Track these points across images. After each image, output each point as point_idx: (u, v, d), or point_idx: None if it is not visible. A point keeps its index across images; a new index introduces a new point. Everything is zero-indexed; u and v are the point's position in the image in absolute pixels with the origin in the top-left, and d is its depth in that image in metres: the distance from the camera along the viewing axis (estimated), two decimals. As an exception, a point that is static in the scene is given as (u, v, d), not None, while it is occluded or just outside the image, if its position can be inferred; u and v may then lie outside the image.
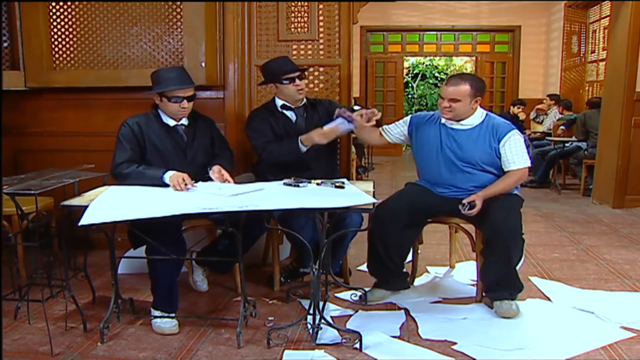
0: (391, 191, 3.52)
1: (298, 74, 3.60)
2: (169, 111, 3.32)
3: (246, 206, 2.69)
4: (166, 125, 3.37)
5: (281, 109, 3.72)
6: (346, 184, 3.19)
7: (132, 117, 3.36)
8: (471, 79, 3.39)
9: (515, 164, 3.36)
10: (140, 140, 3.31)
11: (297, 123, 3.72)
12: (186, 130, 3.41)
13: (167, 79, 3.27)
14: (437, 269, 4.15)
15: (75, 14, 4.31)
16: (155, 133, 3.33)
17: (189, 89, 3.31)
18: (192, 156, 3.39)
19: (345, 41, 4.27)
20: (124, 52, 4.26)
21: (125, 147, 3.27)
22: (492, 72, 11.98)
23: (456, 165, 3.43)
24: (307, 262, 3.58)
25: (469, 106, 3.38)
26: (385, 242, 3.40)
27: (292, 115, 3.73)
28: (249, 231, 3.19)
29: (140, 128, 3.31)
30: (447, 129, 3.47)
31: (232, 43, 4.23)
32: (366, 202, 2.81)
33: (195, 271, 3.68)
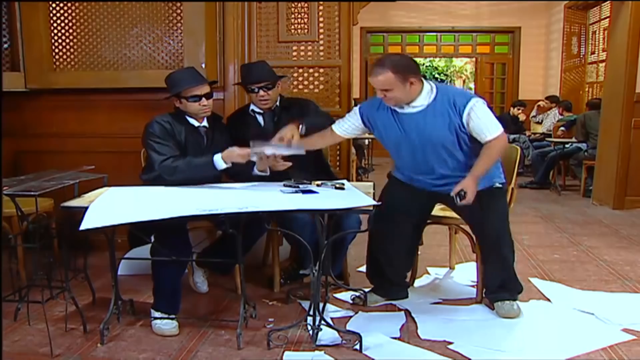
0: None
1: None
2: (191, 111, 3.32)
3: (246, 207, 2.68)
4: (191, 126, 3.36)
5: (252, 112, 3.68)
6: (346, 185, 3.19)
7: (160, 116, 3.32)
8: (391, 62, 3.00)
9: (490, 133, 3.01)
10: (173, 137, 3.29)
11: (266, 128, 3.62)
12: (207, 132, 3.42)
13: (181, 79, 3.28)
14: (437, 270, 4.14)
15: (76, 15, 4.32)
16: (183, 132, 3.32)
17: (204, 86, 3.31)
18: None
19: (345, 42, 4.27)
20: (124, 53, 4.27)
21: (164, 143, 3.23)
22: (492, 73, 12.00)
23: (424, 151, 3.13)
24: (307, 263, 3.59)
25: (405, 90, 3.03)
26: (385, 253, 3.40)
27: (261, 120, 3.67)
28: (248, 232, 3.17)
29: (171, 125, 3.29)
30: (399, 114, 3.15)
31: (232, 44, 4.23)
32: (366, 203, 2.81)
33: (196, 272, 3.68)
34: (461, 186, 2.92)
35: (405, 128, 3.12)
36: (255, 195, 2.99)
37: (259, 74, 3.56)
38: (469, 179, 2.94)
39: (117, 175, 3.31)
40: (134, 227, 2.93)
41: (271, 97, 3.56)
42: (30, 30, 4.28)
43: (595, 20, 9.33)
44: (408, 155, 3.21)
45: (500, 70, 11.95)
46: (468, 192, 2.90)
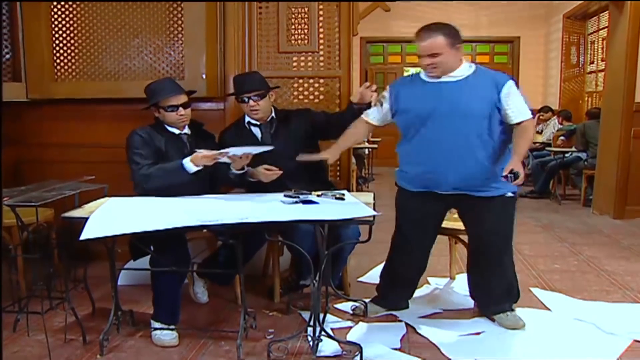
0: (392, 202, 3.47)
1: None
2: (170, 121, 3.36)
3: (246, 218, 2.68)
4: (171, 134, 3.40)
5: (248, 125, 3.66)
6: (346, 196, 3.18)
7: (139, 128, 3.38)
8: (440, 27, 3.07)
9: (525, 115, 3.04)
10: (151, 146, 3.32)
11: (262, 140, 3.62)
12: (189, 139, 3.44)
13: (159, 90, 3.35)
14: (437, 280, 4.13)
15: (77, 26, 4.33)
16: (162, 141, 3.35)
17: (180, 96, 3.35)
18: None
19: (345, 53, 4.27)
20: (125, 63, 4.28)
21: (141, 153, 3.28)
22: (492, 82, 12.01)
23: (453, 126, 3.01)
24: (307, 274, 3.59)
25: (453, 56, 3.06)
26: (403, 264, 3.43)
27: (257, 133, 3.65)
28: (249, 243, 3.18)
29: (149, 136, 3.33)
30: (434, 84, 3.10)
31: (233, 54, 4.23)
32: (366, 214, 2.80)
33: (196, 283, 3.67)
34: (512, 166, 2.84)
35: (439, 97, 3.05)
36: (256, 206, 2.98)
37: (249, 83, 3.56)
38: (516, 160, 2.89)
39: (118, 185, 3.30)
40: (134, 237, 2.92)
41: (261, 108, 3.54)
42: (32, 41, 4.30)
43: (594, 30, 9.35)
44: (433, 135, 3.06)
45: (499, 80, 11.97)
46: (520, 172, 2.83)
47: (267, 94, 3.56)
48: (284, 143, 3.54)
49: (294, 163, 3.36)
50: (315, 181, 3.51)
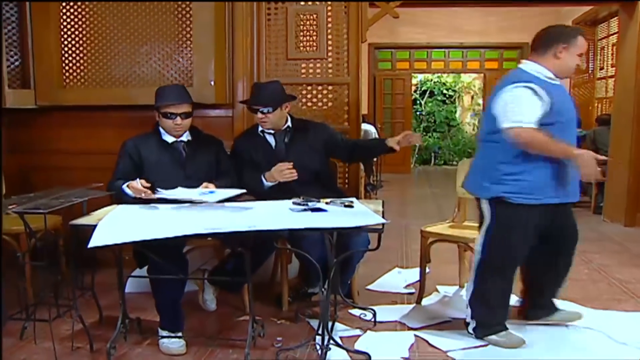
0: (401, 209, 3.47)
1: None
2: (165, 127, 3.41)
3: (255, 226, 2.67)
4: (164, 142, 3.44)
5: (262, 133, 3.68)
6: (355, 204, 3.17)
7: (130, 139, 3.47)
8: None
9: None
10: (136, 158, 3.39)
11: (276, 149, 3.66)
12: (185, 147, 3.46)
13: (164, 95, 3.37)
14: (446, 288, 4.11)
15: (86, 33, 4.35)
16: (153, 150, 3.40)
17: (183, 105, 3.36)
18: (192, 171, 3.41)
19: (354, 60, 4.28)
20: (134, 70, 4.30)
21: (118, 168, 3.41)
22: (501, 89, 11.98)
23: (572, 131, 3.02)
24: (315, 282, 3.59)
25: None
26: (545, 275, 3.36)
27: (272, 140, 3.68)
28: (257, 251, 3.18)
29: (136, 147, 3.40)
30: (557, 87, 2.99)
31: (242, 61, 4.26)
32: (376, 222, 2.79)
33: (207, 290, 3.68)
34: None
35: (569, 101, 3.05)
36: (264, 214, 2.98)
37: (261, 96, 3.57)
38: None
39: (126, 193, 3.29)
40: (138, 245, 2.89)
41: (270, 120, 3.56)
42: (41, 47, 4.33)
43: (604, 36, 9.30)
44: (568, 141, 2.91)
45: (508, 86, 11.94)
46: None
47: (278, 107, 3.57)
48: (298, 153, 3.59)
49: (307, 173, 3.45)
50: (327, 190, 3.52)
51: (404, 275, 4.45)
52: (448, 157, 15.11)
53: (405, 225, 6.27)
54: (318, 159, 3.67)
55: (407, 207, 7.95)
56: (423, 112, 15.69)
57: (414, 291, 4.01)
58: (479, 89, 15.20)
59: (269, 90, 3.60)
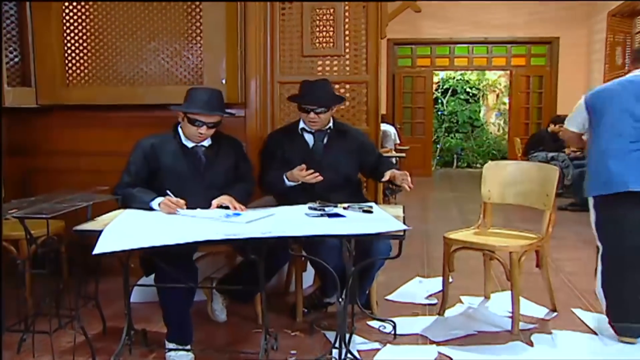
0: (421, 214, 3.48)
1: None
2: (187, 132, 3.34)
3: (270, 232, 2.69)
4: (184, 146, 3.39)
5: (301, 131, 3.75)
6: (374, 209, 3.19)
7: (148, 137, 3.40)
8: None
9: None
10: (152, 163, 3.34)
11: (314, 149, 3.72)
12: (206, 152, 3.42)
13: (197, 100, 3.28)
14: (470, 299, 4.12)
15: (90, 29, 4.37)
16: (171, 154, 3.35)
17: (213, 116, 3.30)
18: (211, 180, 3.38)
19: (372, 57, 4.30)
20: (141, 68, 4.33)
21: (130, 170, 3.34)
22: (528, 87, 11.96)
23: None
24: (332, 291, 3.60)
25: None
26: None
27: (310, 140, 3.74)
28: (272, 258, 3.18)
29: (153, 149, 3.34)
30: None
31: (254, 59, 4.28)
32: (396, 228, 2.80)
33: (215, 300, 3.68)
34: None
35: None
36: (280, 219, 3.00)
37: (317, 95, 3.62)
38: None
39: (133, 197, 3.31)
40: (146, 252, 2.93)
41: (321, 120, 3.63)
42: (43, 43, 4.35)
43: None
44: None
45: (536, 84, 11.91)
46: None
47: (330, 108, 3.64)
48: (333, 156, 3.67)
49: (338, 177, 3.56)
50: (354, 197, 3.55)
51: (425, 284, 4.45)
52: (471, 159, 15.09)
53: (426, 232, 6.28)
54: (351, 163, 3.75)
55: (427, 212, 7.97)
56: (445, 112, 15.67)
57: (436, 302, 4.02)
58: (505, 87, 15.16)
59: (324, 89, 3.66)
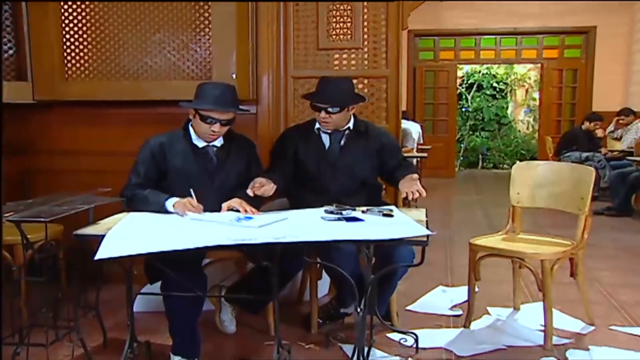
0: (444, 219, 3.49)
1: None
2: (199, 130, 3.35)
3: (283, 237, 2.70)
4: (194, 146, 3.41)
5: (317, 130, 3.76)
6: (395, 212, 3.19)
7: (157, 136, 3.42)
8: None
9: None
10: (161, 163, 3.37)
11: (330, 150, 3.73)
12: (218, 153, 3.44)
13: (209, 95, 3.29)
14: (498, 310, 4.11)
15: (91, 19, 4.39)
16: (180, 154, 3.38)
17: (227, 112, 3.31)
18: (222, 182, 3.41)
19: (393, 49, 4.31)
20: (145, 61, 4.34)
21: (138, 171, 3.36)
22: (561, 81, 11.93)
23: None
24: (349, 301, 3.61)
25: None
26: None
27: (326, 140, 3.75)
28: (285, 265, 3.21)
29: (162, 149, 3.37)
30: None
31: (267, 52, 4.31)
32: (419, 233, 2.79)
33: (224, 309, 3.70)
34: None
35: None
36: (294, 224, 3.01)
37: (330, 94, 3.63)
38: None
39: (137, 198, 3.34)
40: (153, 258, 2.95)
41: (334, 120, 3.62)
42: (40, 34, 4.37)
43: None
44: None
45: (570, 78, 11.88)
46: None
47: (345, 108, 3.63)
48: (350, 158, 3.69)
49: (354, 181, 3.59)
50: (371, 202, 3.53)
51: (449, 294, 4.46)
52: (498, 159, 15.05)
53: (450, 237, 6.29)
54: (369, 167, 3.75)
55: (451, 217, 7.94)
56: (469, 109, 15.63)
57: (461, 313, 4.03)
58: (535, 81, 15.09)
59: (341, 88, 3.66)
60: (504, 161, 14.86)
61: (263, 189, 3.24)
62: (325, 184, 3.68)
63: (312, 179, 3.73)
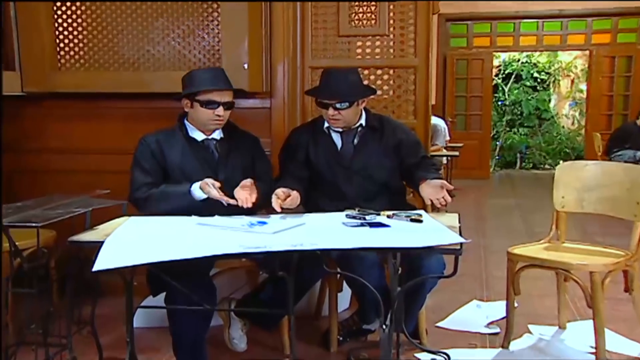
0: (477, 225, 3.49)
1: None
2: (200, 120, 3.42)
3: (301, 244, 2.70)
4: (192, 140, 3.47)
5: (327, 129, 3.76)
6: (424, 217, 3.18)
7: (151, 134, 3.48)
8: None
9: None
10: (160, 160, 3.43)
11: (343, 151, 3.73)
12: (218, 146, 3.51)
13: (202, 79, 3.38)
14: (541, 328, 4.10)
15: (87, 2, 4.41)
16: (178, 150, 3.44)
17: (226, 93, 3.40)
18: (226, 177, 3.43)
19: (422, 36, 4.32)
20: (147, 49, 4.38)
21: (144, 168, 3.40)
22: (613, 70, 11.86)
23: None
24: (373, 316, 3.63)
25: None
26: None
27: (337, 140, 3.75)
28: (302, 276, 3.22)
29: (159, 146, 3.43)
30: None
31: (282, 40, 4.33)
32: (452, 241, 2.78)
33: (234, 325, 3.67)
34: None
35: None
36: (312, 229, 3.03)
37: (335, 86, 3.61)
38: None
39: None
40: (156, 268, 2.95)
41: (343, 118, 3.61)
42: (28, 18, 4.40)
43: None
44: None
45: (623, 66, 11.80)
46: None
47: (355, 103, 3.62)
48: (366, 159, 3.69)
49: (373, 185, 3.59)
50: (394, 207, 3.48)
51: (484, 309, 4.46)
52: (538, 158, 14.98)
53: (484, 246, 6.30)
54: (388, 166, 3.73)
55: (485, 223, 7.94)
56: (506, 102, 15.56)
57: (498, 331, 4.02)
58: (582, 70, 14.98)
59: (347, 81, 3.64)
60: (545, 161, 14.80)
61: (290, 200, 3.26)
62: (341, 189, 3.68)
63: (326, 184, 3.73)
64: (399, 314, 3.21)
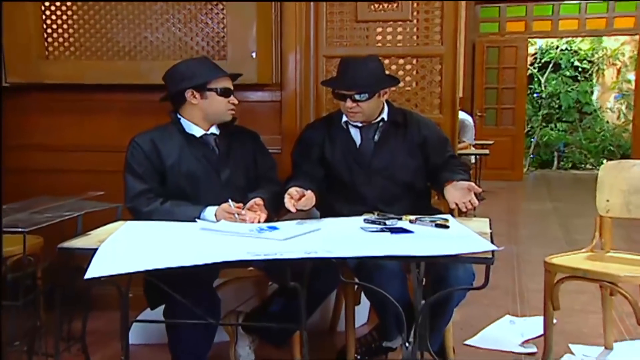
0: (510, 231, 3.48)
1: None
2: (216, 111, 3.46)
3: (315, 252, 2.70)
4: (190, 137, 3.50)
5: (345, 124, 3.76)
6: (451, 222, 3.18)
7: (142, 133, 3.51)
8: None
9: None
10: (155, 162, 3.44)
11: (362, 148, 3.74)
12: (218, 141, 3.54)
13: (205, 68, 3.43)
14: (584, 349, 4.07)
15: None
16: (176, 148, 3.46)
17: (229, 80, 3.49)
18: (228, 176, 3.49)
19: (450, 21, 4.32)
20: (145, 36, 4.39)
21: (137, 173, 3.41)
22: (665, 57, 11.78)
23: None
24: (394, 332, 3.63)
25: None
26: None
27: (356, 136, 3.76)
28: (316, 287, 3.24)
29: (154, 146, 3.45)
30: None
31: (294, 26, 4.34)
32: (482, 249, 2.76)
33: (240, 341, 3.71)
34: None
35: None
36: (327, 236, 3.03)
37: (353, 75, 3.62)
38: None
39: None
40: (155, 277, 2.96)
41: (363, 110, 3.62)
42: (13, 3, 4.37)
43: None
44: None
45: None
46: None
47: (376, 94, 3.62)
48: (388, 157, 3.70)
49: (395, 185, 3.61)
50: (419, 210, 3.48)
51: (519, 326, 4.45)
52: (578, 157, 14.95)
53: (518, 255, 6.31)
54: (412, 166, 3.73)
55: (518, 229, 7.91)
56: (543, 94, 15.52)
57: (535, 350, 4.02)
58: (631, 58, 14.88)
59: (367, 69, 3.63)
60: (587, 160, 14.78)
61: (305, 201, 3.27)
62: (359, 191, 3.69)
63: (343, 185, 3.74)
64: (423, 330, 3.17)
